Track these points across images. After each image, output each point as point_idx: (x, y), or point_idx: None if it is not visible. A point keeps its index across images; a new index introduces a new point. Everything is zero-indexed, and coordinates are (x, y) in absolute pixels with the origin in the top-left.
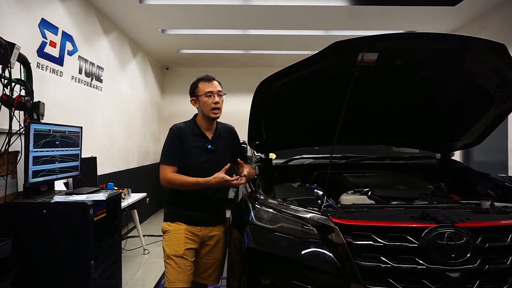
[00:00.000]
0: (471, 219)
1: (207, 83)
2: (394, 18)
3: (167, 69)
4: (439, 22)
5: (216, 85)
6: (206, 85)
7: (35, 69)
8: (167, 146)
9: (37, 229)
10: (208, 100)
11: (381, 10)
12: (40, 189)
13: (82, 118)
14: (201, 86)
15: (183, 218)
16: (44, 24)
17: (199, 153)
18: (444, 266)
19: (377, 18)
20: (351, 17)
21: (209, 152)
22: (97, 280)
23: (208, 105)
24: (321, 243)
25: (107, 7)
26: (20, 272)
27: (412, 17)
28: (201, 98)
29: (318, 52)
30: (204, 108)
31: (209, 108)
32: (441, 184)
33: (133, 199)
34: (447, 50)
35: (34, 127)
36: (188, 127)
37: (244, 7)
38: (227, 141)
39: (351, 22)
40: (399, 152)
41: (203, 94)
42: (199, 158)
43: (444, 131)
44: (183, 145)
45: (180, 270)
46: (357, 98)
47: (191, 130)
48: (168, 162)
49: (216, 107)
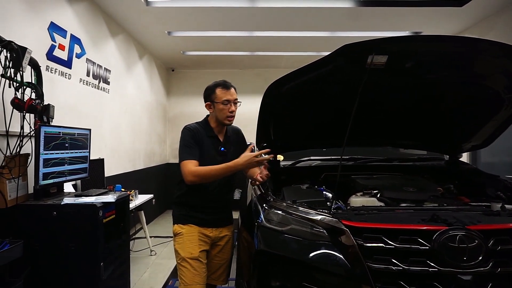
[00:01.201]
0: (482, 221)
1: (225, 90)
2: (400, 19)
3: (173, 71)
4: (446, 23)
5: (233, 93)
6: (224, 93)
7: (44, 72)
8: (185, 144)
9: (48, 231)
10: (225, 108)
11: (387, 12)
12: (50, 191)
13: (90, 120)
14: (219, 93)
15: (195, 220)
16: (53, 27)
17: (214, 155)
18: (455, 269)
19: (383, 20)
20: (357, 18)
21: (221, 154)
22: (106, 281)
23: (224, 113)
24: (331, 245)
25: (114, 9)
26: (31, 274)
27: (419, 18)
28: (217, 105)
29: (327, 55)
30: (220, 115)
31: (225, 116)
32: (450, 186)
33: (140, 200)
34: (457, 52)
35: (44, 129)
36: (201, 129)
37: (249, 9)
38: (236, 144)
39: (357, 24)
40: (407, 153)
41: (220, 102)
42: (213, 160)
43: (453, 133)
44: (199, 145)
45: (196, 272)
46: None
47: (204, 132)
48: (190, 157)
49: (232, 115)
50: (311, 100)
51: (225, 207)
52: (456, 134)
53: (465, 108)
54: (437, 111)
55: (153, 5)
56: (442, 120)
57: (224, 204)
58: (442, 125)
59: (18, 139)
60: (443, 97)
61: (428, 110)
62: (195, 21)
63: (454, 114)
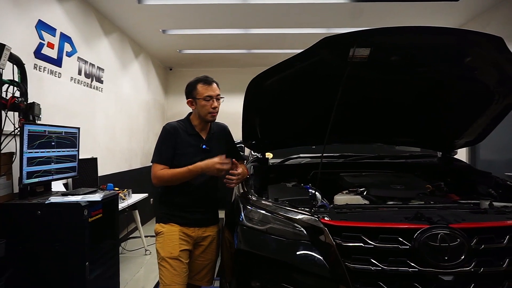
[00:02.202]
0: (466, 219)
1: (206, 86)
2: (396, 15)
3: (171, 70)
4: (443, 18)
5: (216, 88)
6: (206, 89)
7: (32, 70)
8: (159, 145)
9: (32, 230)
10: (207, 104)
11: (383, 7)
12: (36, 190)
13: (83, 119)
14: (200, 88)
15: (176, 219)
16: (41, 25)
17: (194, 153)
18: (436, 269)
19: (379, 15)
20: (353, 14)
21: (203, 152)
22: (94, 281)
23: (207, 109)
24: (310, 245)
25: (106, 8)
26: (13, 274)
27: (415, 13)
28: (199, 101)
29: (308, 48)
30: (202, 111)
31: (207, 112)
32: (440, 184)
33: (133, 199)
34: (444, 44)
35: (28, 128)
36: (182, 127)
37: (243, 6)
38: (221, 141)
39: (353, 20)
40: (399, 150)
41: (201, 98)
42: (193, 158)
43: (444, 128)
44: (177, 144)
45: (176, 272)
46: (355, 96)
47: (185, 130)
48: (159, 160)
49: (214, 111)
50: (297, 96)
51: (209, 207)
52: (448, 130)
53: (455, 103)
54: (427, 106)
55: (145, 3)
56: (433, 116)
57: (208, 203)
58: (433, 121)
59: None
60: (433, 92)
61: (419, 106)
62: (189, 19)
63: (445, 110)
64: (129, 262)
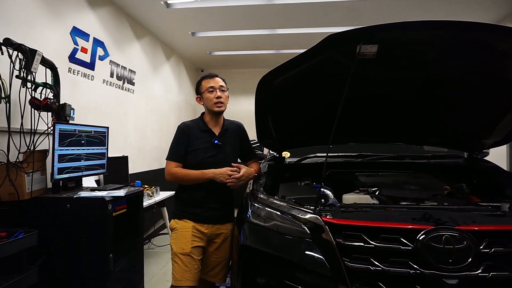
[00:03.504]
0: (478, 221)
1: (209, 79)
2: (429, 8)
3: (202, 72)
4: (482, 11)
5: (218, 80)
6: (208, 82)
7: (67, 74)
8: (173, 143)
9: (61, 222)
10: (210, 95)
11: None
12: (68, 185)
13: (114, 120)
14: (204, 83)
15: (190, 216)
16: (75, 31)
17: (206, 148)
18: (440, 272)
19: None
20: (383, 10)
21: (216, 147)
22: (118, 273)
23: (211, 100)
24: (311, 243)
25: (137, 13)
26: (45, 262)
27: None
28: (204, 94)
29: (314, 46)
30: (208, 103)
31: (212, 102)
32: (462, 185)
33: (161, 196)
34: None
35: (59, 127)
36: (195, 124)
37: (268, 6)
38: (234, 137)
39: (383, 16)
40: (421, 150)
41: (205, 90)
42: (205, 154)
43: (469, 128)
44: (190, 142)
45: (187, 268)
46: (368, 95)
47: (198, 127)
48: (173, 158)
49: (218, 101)
50: (307, 96)
51: (223, 204)
52: (473, 130)
53: (480, 101)
54: (448, 104)
55: (174, 7)
56: (455, 115)
57: (222, 201)
58: (456, 120)
59: (31, 136)
60: (453, 90)
61: (439, 104)
62: (216, 21)
63: (468, 108)
64: (157, 257)
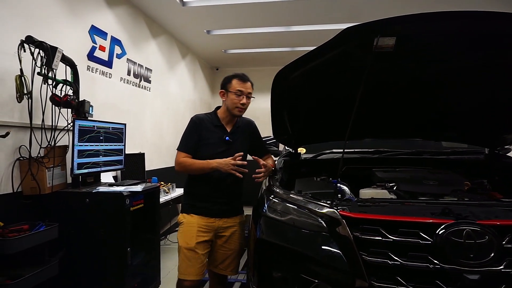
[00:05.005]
0: (500, 216)
1: (241, 82)
2: None
3: (217, 70)
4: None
5: (249, 87)
6: (239, 84)
7: (86, 71)
8: (185, 134)
9: (81, 216)
10: (236, 99)
11: None
12: (87, 180)
13: (131, 117)
14: (235, 83)
15: (197, 210)
16: (93, 30)
17: (217, 143)
18: (461, 267)
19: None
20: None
21: (226, 143)
22: (135, 267)
23: (235, 103)
24: (328, 236)
25: (153, 11)
26: (66, 255)
27: None
28: (230, 94)
29: (330, 39)
30: (230, 104)
31: (235, 106)
32: (483, 181)
33: (177, 193)
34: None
35: (78, 123)
36: (208, 118)
37: (283, 3)
38: (245, 135)
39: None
40: (440, 146)
41: (233, 91)
42: (216, 149)
43: (491, 123)
44: (201, 135)
45: (190, 264)
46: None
47: (211, 121)
48: (183, 149)
49: (242, 107)
50: (325, 90)
51: (231, 198)
52: (495, 125)
53: (502, 95)
54: (470, 99)
55: (189, 5)
56: (477, 109)
57: (230, 195)
58: (477, 115)
59: (52, 132)
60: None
61: (460, 98)
62: (231, 19)
63: (490, 102)
64: (173, 253)
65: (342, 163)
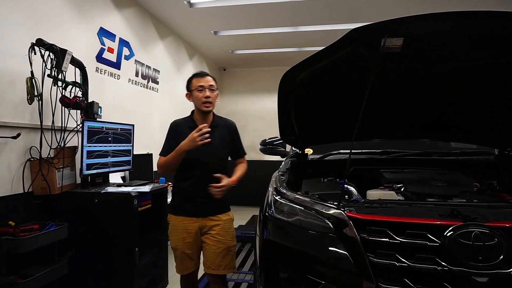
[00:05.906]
0: (509, 218)
1: (199, 78)
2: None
3: (224, 70)
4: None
5: (209, 80)
6: (198, 80)
7: (94, 73)
8: (165, 140)
9: (90, 216)
10: (199, 94)
11: None
12: (96, 180)
13: (139, 118)
14: (194, 81)
15: (180, 211)
16: (102, 32)
17: None
18: (470, 269)
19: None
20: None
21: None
22: (143, 267)
23: (199, 99)
24: (335, 238)
25: (161, 13)
26: (74, 255)
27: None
28: (193, 93)
29: (338, 39)
30: (196, 102)
31: (200, 102)
32: (492, 182)
33: None
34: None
35: (87, 124)
36: (184, 122)
37: (290, 3)
38: (224, 135)
39: (413, 10)
40: (448, 147)
41: (195, 89)
42: (193, 149)
43: (501, 123)
44: (178, 138)
45: (181, 261)
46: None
47: (187, 124)
48: (163, 154)
49: (207, 101)
50: (332, 90)
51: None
52: (505, 125)
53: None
54: (478, 99)
55: (196, 6)
56: (485, 110)
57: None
58: (486, 115)
59: (61, 133)
60: (483, 83)
61: (468, 98)
62: (238, 20)
63: (499, 102)
64: None
65: (349, 164)
